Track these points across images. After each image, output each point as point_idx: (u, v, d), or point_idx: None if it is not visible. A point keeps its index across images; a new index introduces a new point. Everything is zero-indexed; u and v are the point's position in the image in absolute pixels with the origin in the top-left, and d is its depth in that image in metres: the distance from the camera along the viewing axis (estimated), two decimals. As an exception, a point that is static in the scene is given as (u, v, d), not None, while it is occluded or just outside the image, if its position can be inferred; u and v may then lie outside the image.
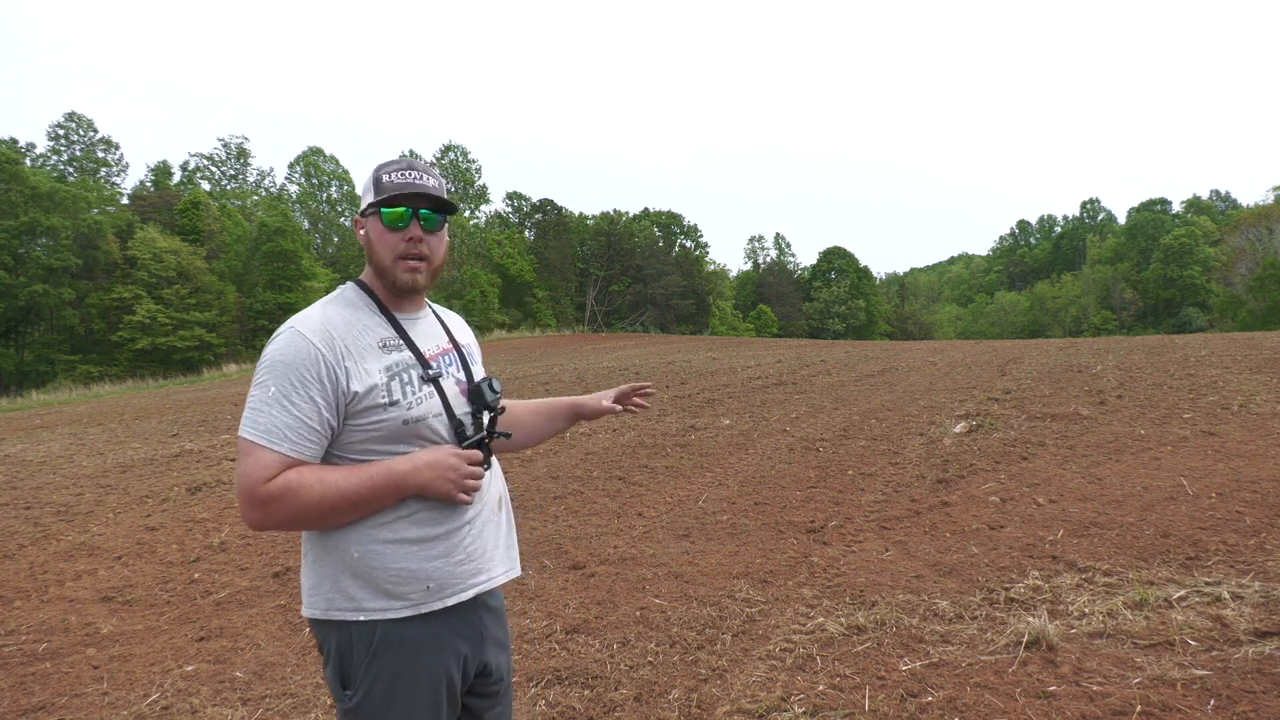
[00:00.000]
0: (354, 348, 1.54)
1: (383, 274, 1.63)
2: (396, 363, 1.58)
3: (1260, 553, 4.00)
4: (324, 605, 1.55)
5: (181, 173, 54.21)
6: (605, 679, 3.27)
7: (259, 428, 1.47)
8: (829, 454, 7.34)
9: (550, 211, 59.72)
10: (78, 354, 37.95)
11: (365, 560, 1.53)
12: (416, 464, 1.53)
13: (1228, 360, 11.40)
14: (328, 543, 1.55)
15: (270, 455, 1.46)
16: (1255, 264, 49.51)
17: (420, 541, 1.56)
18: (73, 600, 4.64)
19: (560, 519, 5.77)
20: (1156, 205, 77.71)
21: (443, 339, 1.72)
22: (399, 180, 1.60)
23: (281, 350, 1.50)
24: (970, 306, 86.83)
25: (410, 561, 1.54)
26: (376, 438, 1.54)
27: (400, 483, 1.52)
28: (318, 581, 1.56)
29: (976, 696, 2.87)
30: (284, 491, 1.45)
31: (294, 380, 1.48)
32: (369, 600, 1.53)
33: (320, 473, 1.48)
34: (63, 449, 10.41)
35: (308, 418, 1.48)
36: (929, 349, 20.52)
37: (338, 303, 1.62)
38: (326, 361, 1.50)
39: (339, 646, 1.55)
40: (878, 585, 4.09)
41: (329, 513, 1.49)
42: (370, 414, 1.53)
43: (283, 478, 1.45)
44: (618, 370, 16.98)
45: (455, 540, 1.60)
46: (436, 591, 1.56)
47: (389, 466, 1.52)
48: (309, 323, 1.54)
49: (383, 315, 1.63)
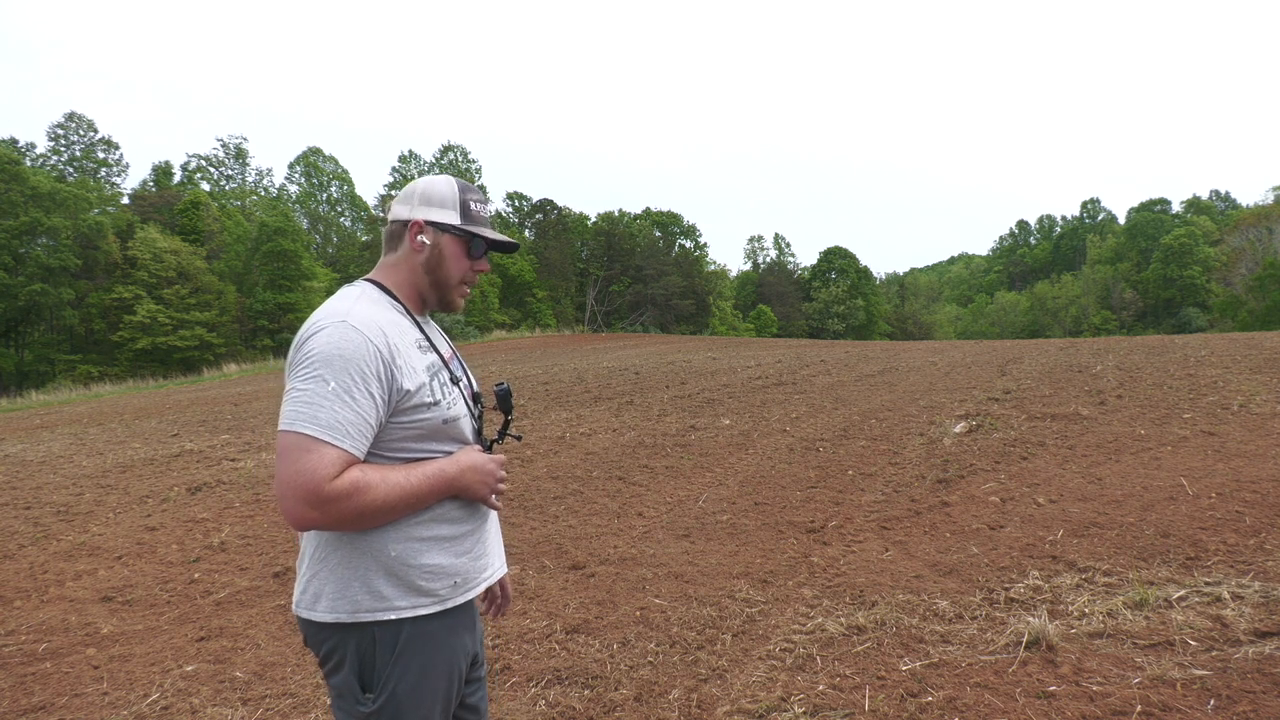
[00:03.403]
0: (402, 346, 1.55)
1: (439, 289, 1.68)
2: (433, 364, 1.62)
3: (1260, 553, 4.00)
4: (350, 608, 1.51)
5: (181, 173, 54.21)
6: (605, 679, 3.27)
7: (319, 423, 1.41)
8: (829, 454, 7.34)
9: (550, 211, 59.72)
10: (78, 354, 37.94)
11: (402, 557, 1.54)
12: (462, 466, 1.59)
13: (1228, 360, 11.40)
14: (361, 544, 1.52)
15: (334, 452, 1.42)
16: (1255, 264, 49.47)
17: (452, 539, 1.61)
18: (73, 600, 4.64)
19: (560, 519, 5.77)
20: (1156, 205, 77.77)
21: (445, 346, 1.76)
22: (483, 214, 1.70)
23: (337, 344, 1.46)
24: (970, 306, 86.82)
25: (443, 557, 1.59)
26: (415, 435, 1.56)
27: (450, 484, 1.57)
28: (345, 584, 1.52)
29: (976, 696, 2.87)
30: (352, 490, 1.42)
31: (354, 375, 1.45)
32: (400, 598, 1.54)
33: (382, 472, 1.48)
34: (63, 449, 10.40)
35: (367, 414, 1.46)
36: (929, 349, 20.51)
37: (374, 300, 1.61)
38: (383, 357, 1.49)
39: (359, 649, 1.52)
40: (878, 585, 4.09)
41: (389, 511, 1.49)
42: (415, 412, 1.55)
43: (349, 476, 1.43)
44: (618, 370, 16.97)
45: (477, 536, 1.67)
46: (461, 586, 1.62)
47: (441, 468, 1.56)
48: (360, 318, 1.51)
49: (409, 317, 1.65)
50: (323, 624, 1.53)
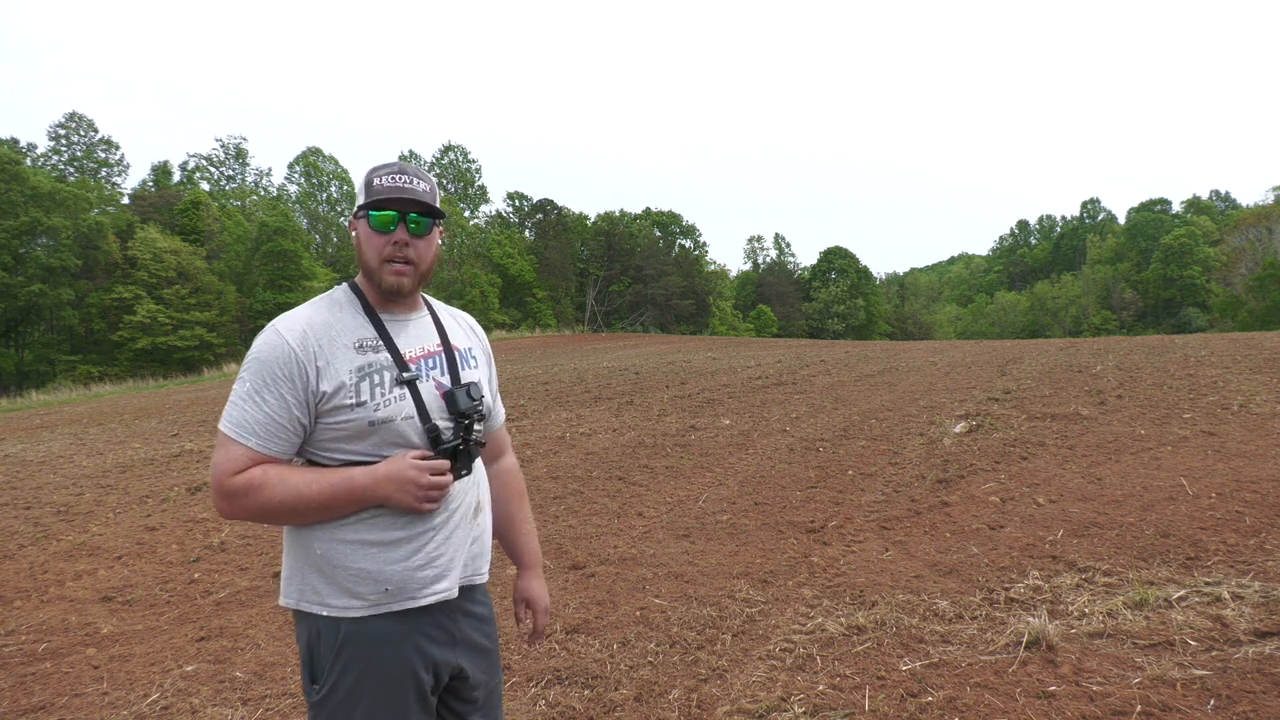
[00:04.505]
0: (327, 346, 1.57)
1: (370, 276, 1.64)
2: (370, 364, 1.58)
3: (1260, 553, 4.00)
4: (296, 596, 1.60)
5: (180, 173, 54.21)
6: (605, 679, 3.27)
7: (231, 421, 1.53)
8: (829, 454, 7.34)
9: (550, 211, 59.70)
10: (78, 354, 37.93)
11: (327, 558, 1.56)
12: (376, 477, 1.53)
13: (1228, 360, 11.39)
14: (297, 537, 1.60)
15: (238, 449, 1.51)
16: (1255, 264, 49.44)
17: (381, 544, 1.56)
18: (73, 600, 4.64)
19: (560, 519, 5.77)
20: (1156, 205, 77.75)
21: (431, 341, 1.69)
22: (389, 184, 1.60)
23: (259, 348, 1.55)
24: (970, 306, 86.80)
25: (369, 563, 1.56)
26: (343, 436, 1.57)
27: (361, 495, 1.53)
28: (291, 572, 1.61)
29: (976, 696, 2.87)
30: (247, 487, 1.50)
31: (266, 377, 1.53)
32: (332, 597, 1.56)
33: (283, 474, 1.52)
34: (63, 449, 10.40)
35: (276, 414, 1.52)
36: (929, 349, 20.51)
37: (323, 302, 1.65)
38: (298, 359, 1.53)
39: (309, 638, 1.59)
40: (878, 585, 4.09)
41: (288, 513, 1.53)
42: (338, 413, 1.55)
43: (247, 474, 1.50)
44: (618, 370, 16.97)
45: (417, 545, 1.59)
46: (395, 594, 1.56)
47: (350, 478, 1.53)
48: (287, 321, 1.58)
49: (366, 316, 1.64)
50: (287, 609, 1.63)
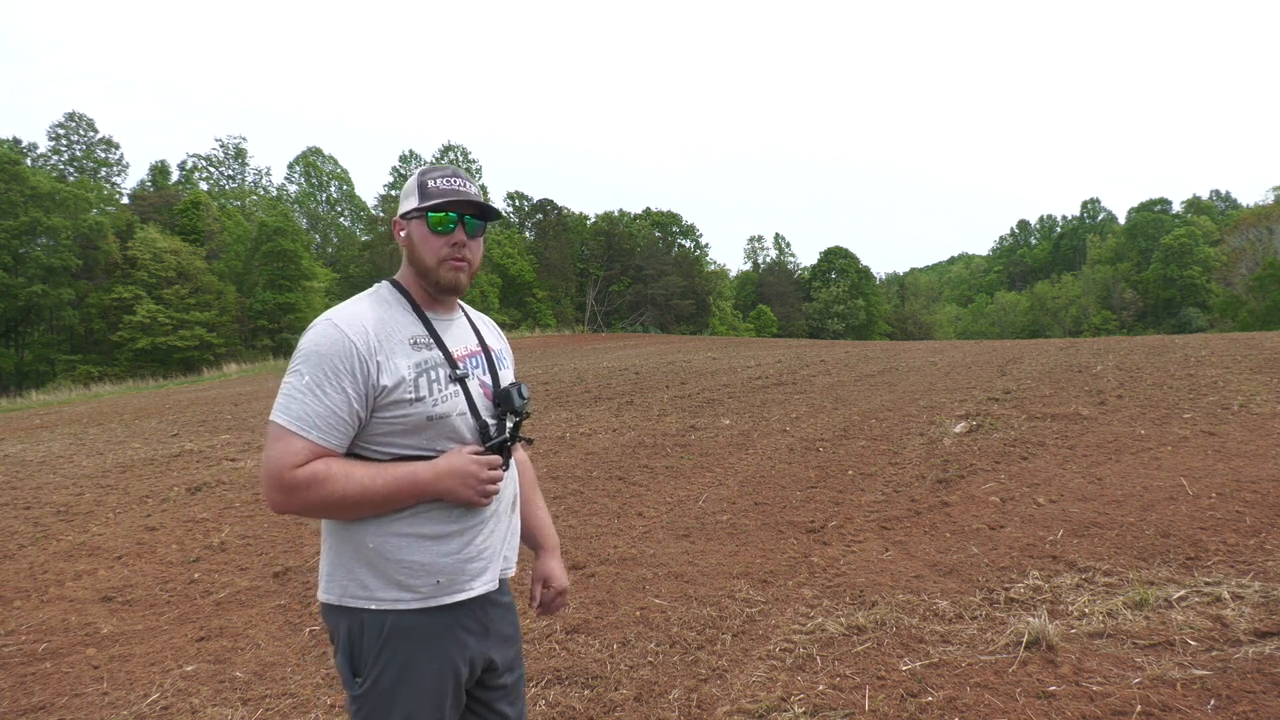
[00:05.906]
0: (386, 342, 1.58)
1: (425, 275, 1.66)
2: (425, 360, 1.62)
3: (1260, 553, 4.00)
4: (339, 592, 1.59)
5: (180, 173, 54.21)
6: (605, 679, 3.27)
7: (290, 414, 1.51)
8: (829, 454, 7.34)
9: (550, 211, 59.70)
10: (78, 354, 37.93)
11: (380, 551, 1.57)
12: (439, 471, 1.57)
13: (1228, 360, 11.39)
14: (345, 532, 1.59)
15: (299, 442, 1.50)
16: (1255, 264, 49.45)
17: (435, 537, 1.60)
18: (73, 600, 4.64)
19: (560, 519, 5.77)
20: (1156, 205, 77.75)
21: (472, 342, 1.75)
22: (445, 187, 1.64)
23: (317, 341, 1.55)
24: (970, 306, 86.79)
25: (423, 555, 1.58)
26: (399, 430, 1.58)
27: (423, 489, 1.57)
28: (334, 568, 1.60)
29: (976, 696, 2.87)
30: (310, 480, 1.49)
31: (327, 370, 1.52)
32: (381, 590, 1.57)
33: (347, 467, 1.52)
34: (63, 449, 10.40)
35: (338, 407, 1.52)
36: (929, 349, 20.51)
37: (373, 299, 1.66)
38: (359, 354, 1.54)
39: (349, 633, 1.59)
40: (878, 585, 4.09)
41: (350, 507, 1.53)
42: (397, 408, 1.57)
43: (310, 467, 1.50)
44: (618, 370, 16.97)
45: (468, 538, 1.64)
46: (446, 586, 1.60)
47: (414, 472, 1.56)
48: (344, 315, 1.59)
49: (415, 314, 1.67)
50: (325, 605, 1.62)
